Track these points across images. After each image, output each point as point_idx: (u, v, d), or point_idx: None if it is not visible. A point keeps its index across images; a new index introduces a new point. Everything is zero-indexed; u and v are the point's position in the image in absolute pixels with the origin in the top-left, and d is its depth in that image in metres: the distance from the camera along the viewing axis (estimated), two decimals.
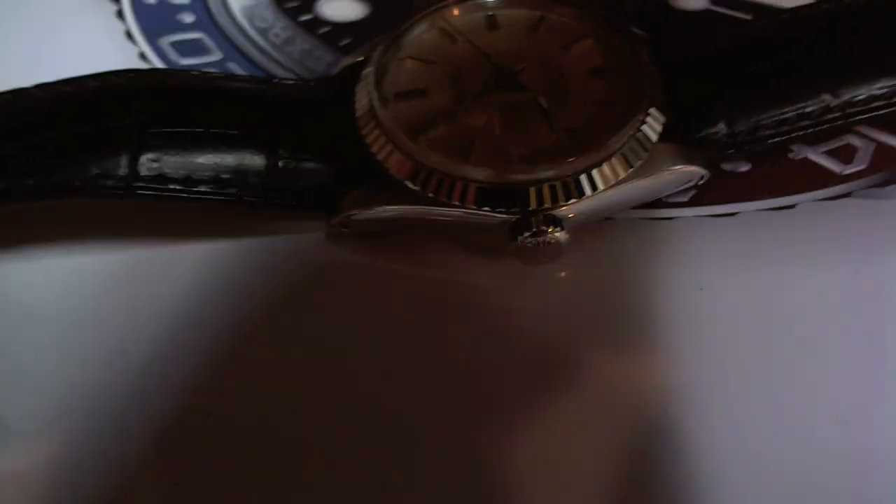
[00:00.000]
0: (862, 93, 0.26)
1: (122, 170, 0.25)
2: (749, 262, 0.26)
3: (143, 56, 0.33)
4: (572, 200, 0.24)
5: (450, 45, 0.28)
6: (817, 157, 0.28)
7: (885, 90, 0.26)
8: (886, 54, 0.26)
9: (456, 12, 0.29)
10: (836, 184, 0.28)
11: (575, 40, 0.28)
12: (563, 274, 0.26)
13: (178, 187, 0.25)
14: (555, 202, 0.24)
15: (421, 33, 0.28)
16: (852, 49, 0.26)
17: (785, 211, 0.27)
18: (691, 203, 0.27)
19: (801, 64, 0.26)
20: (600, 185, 0.24)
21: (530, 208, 0.24)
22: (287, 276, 0.27)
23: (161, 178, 0.25)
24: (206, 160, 0.25)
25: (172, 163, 0.25)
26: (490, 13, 0.29)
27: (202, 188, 0.25)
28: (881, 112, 0.26)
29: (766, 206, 0.27)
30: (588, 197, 0.24)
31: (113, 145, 0.25)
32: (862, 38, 0.27)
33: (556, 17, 0.29)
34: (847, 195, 0.27)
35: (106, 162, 0.25)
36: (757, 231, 0.27)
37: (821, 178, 0.28)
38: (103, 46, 0.34)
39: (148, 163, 0.25)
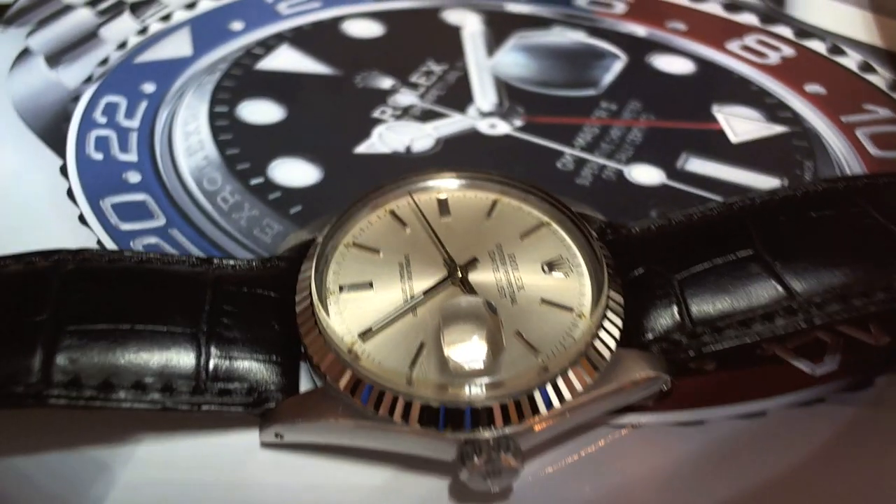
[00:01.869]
0: (821, 296, 0.24)
1: (34, 375, 0.22)
2: (720, 479, 0.24)
3: (82, 219, 0.32)
4: (525, 420, 0.22)
5: (400, 230, 0.27)
6: (786, 354, 0.27)
7: (847, 294, 0.24)
8: (843, 255, 0.25)
9: (407, 195, 0.28)
10: (809, 386, 0.26)
11: (528, 229, 0.27)
12: (519, 488, 0.24)
13: (93, 394, 0.23)
14: (507, 422, 0.22)
15: (369, 217, 0.27)
16: (811, 246, 0.25)
17: (756, 419, 0.25)
18: (656, 408, 0.25)
19: (761, 261, 0.25)
20: (556, 403, 0.22)
21: (481, 430, 0.22)
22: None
23: (76, 384, 0.22)
24: (129, 362, 0.23)
25: (89, 366, 0.23)
26: (442, 196, 0.28)
27: (121, 395, 0.23)
28: (841, 320, 0.24)
29: (736, 413, 0.25)
30: (543, 415, 0.22)
31: (25, 345, 0.23)
32: (820, 234, 0.26)
33: (510, 201, 0.28)
34: (821, 400, 0.26)
35: (16, 364, 0.22)
36: (727, 443, 0.25)
37: (792, 380, 0.26)
38: (42, 207, 0.32)
39: (63, 365, 0.23)
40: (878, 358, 0.27)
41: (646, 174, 0.34)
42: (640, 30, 0.42)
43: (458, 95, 0.38)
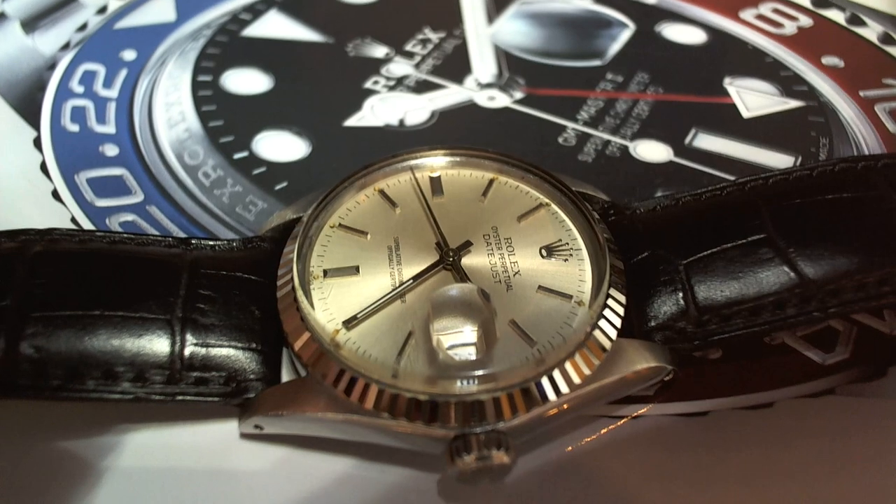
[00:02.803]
0: (836, 283, 0.23)
1: None
2: (722, 475, 0.23)
3: (55, 194, 0.30)
4: (518, 415, 0.21)
5: (389, 211, 0.25)
6: (795, 342, 0.26)
7: (864, 282, 0.23)
8: (860, 240, 0.24)
9: (398, 173, 0.26)
10: (818, 377, 0.25)
11: (526, 211, 0.25)
12: (511, 482, 0.23)
13: (60, 383, 0.21)
14: (499, 417, 0.21)
15: (357, 197, 0.25)
16: (826, 230, 0.24)
17: (761, 410, 0.24)
18: (658, 398, 0.24)
19: (773, 245, 0.24)
20: (551, 397, 0.21)
21: (471, 424, 0.21)
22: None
23: (42, 373, 0.21)
24: (98, 349, 0.22)
25: (56, 354, 0.21)
26: (435, 174, 0.26)
27: (90, 384, 0.21)
28: (857, 309, 0.23)
29: (741, 404, 0.24)
30: (537, 409, 0.21)
31: None
32: (836, 218, 0.24)
33: (507, 180, 0.26)
34: (830, 391, 0.25)
35: None
36: (732, 436, 0.23)
37: (801, 370, 0.25)
38: (14, 181, 0.31)
39: (28, 353, 0.21)
40: (892, 347, 0.26)
41: (652, 150, 0.32)
42: None
43: (455, 65, 0.36)
